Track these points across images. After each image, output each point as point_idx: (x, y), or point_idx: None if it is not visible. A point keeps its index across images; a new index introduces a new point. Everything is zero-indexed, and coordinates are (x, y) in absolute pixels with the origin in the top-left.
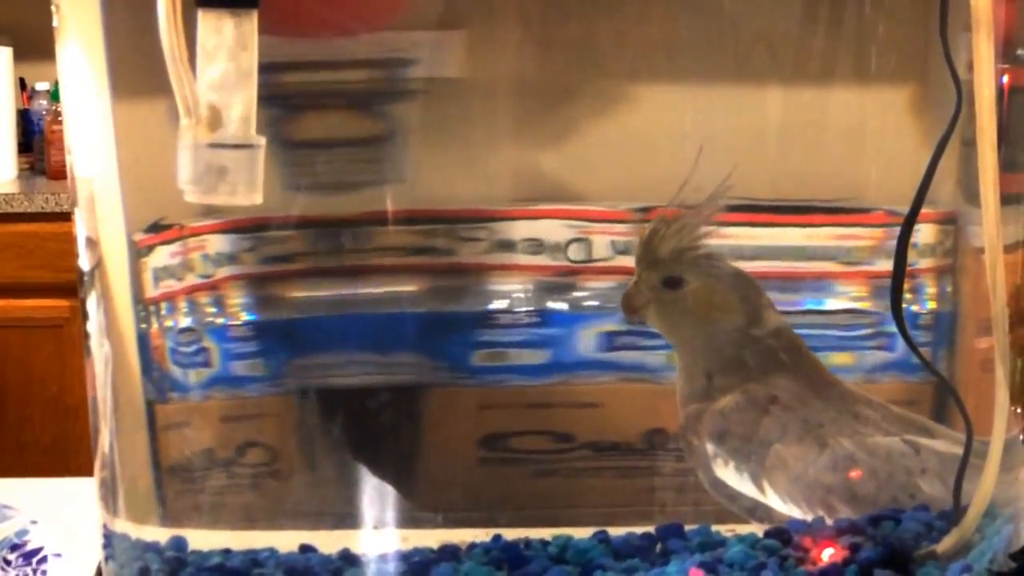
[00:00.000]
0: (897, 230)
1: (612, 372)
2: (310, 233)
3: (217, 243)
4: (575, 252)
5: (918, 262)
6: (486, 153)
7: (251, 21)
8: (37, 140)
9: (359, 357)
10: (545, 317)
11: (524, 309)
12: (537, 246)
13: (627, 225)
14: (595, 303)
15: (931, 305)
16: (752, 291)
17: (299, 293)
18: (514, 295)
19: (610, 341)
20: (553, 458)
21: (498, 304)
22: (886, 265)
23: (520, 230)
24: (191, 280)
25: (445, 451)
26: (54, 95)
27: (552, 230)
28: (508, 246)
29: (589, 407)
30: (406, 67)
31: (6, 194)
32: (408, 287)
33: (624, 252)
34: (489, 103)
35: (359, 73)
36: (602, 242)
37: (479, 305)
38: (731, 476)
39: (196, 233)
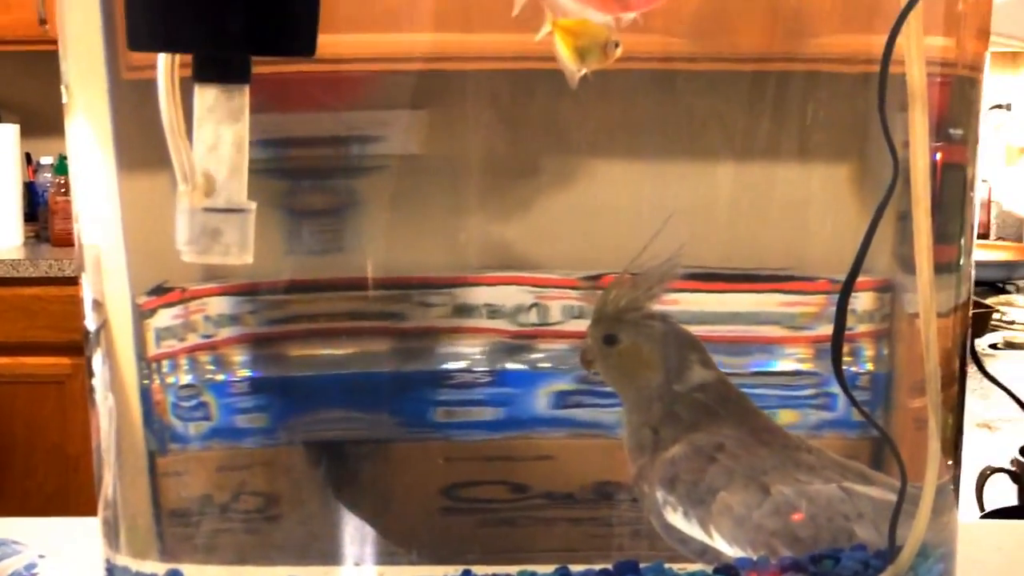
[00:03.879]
0: (820, 297)
1: (563, 428)
2: (293, 297)
3: (218, 305)
4: (531, 316)
5: (857, 327)
6: (449, 224)
7: (243, 95)
8: (42, 210)
9: (339, 412)
10: (501, 377)
11: (482, 369)
12: (496, 311)
13: (579, 292)
14: (549, 364)
15: (869, 367)
16: (680, 350)
17: (288, 353)
18: (475, 356)
19: (561, 399)
20: (510, 506)
21: (460, 364)
22: (828, 330)
23: (481, 295)
24: (192, 340)
25: (413, 498)
26: (57, 169)
27: (510, 296)
28: (470, 311)
29: (544, 459)
30: (376, 144)
31: (13, 260)
32: (379, 348)
33: (577, 317)
34: (452, 178)
35: (331, 149)
36: (556, 307)
37: (443, 365)
38: (680, 521)
39: (197, 296)
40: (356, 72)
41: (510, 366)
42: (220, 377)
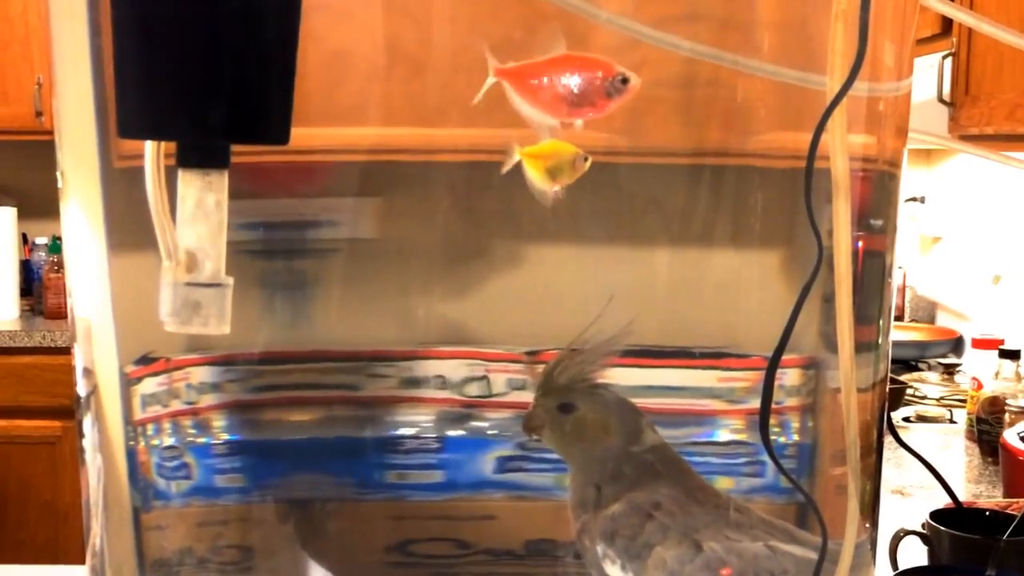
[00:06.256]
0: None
1: (504, 490)
2: (265, 368)
3: (198, 374)
4: (475, 388)
5: (785, 401)
6: (400, 302)
7: (222, 179)
8: (36, 286)
9: (307, 474)
10: (449, 443)
11: (431, 436)
12: (442, 382)
13: (520, 365)
14: (492, 432)
15: (796, 438)
16: (631, 415)
17: (260, 418)
18: (423, 424)
19: (503, 464)
20: (453, 562)
21: (409, 431)
22: (759, 403)
23: (429, 368)
24: (175, 405)
25: (372, 551)
26: (51, 248)
27: (455, 369)
28: (419, 382)
29: (485, 519)
30: (331, 228)
31: (9, 331)
32: (341, 415)
33: (518, 388)
34: (403, 260)
35: (292, 232)
36: (498, 379)
37: (393, 432)
38: (618, 573)
39: (180, 366)
40: (324, 162)
41: (457, 433)
42: (200, 440)
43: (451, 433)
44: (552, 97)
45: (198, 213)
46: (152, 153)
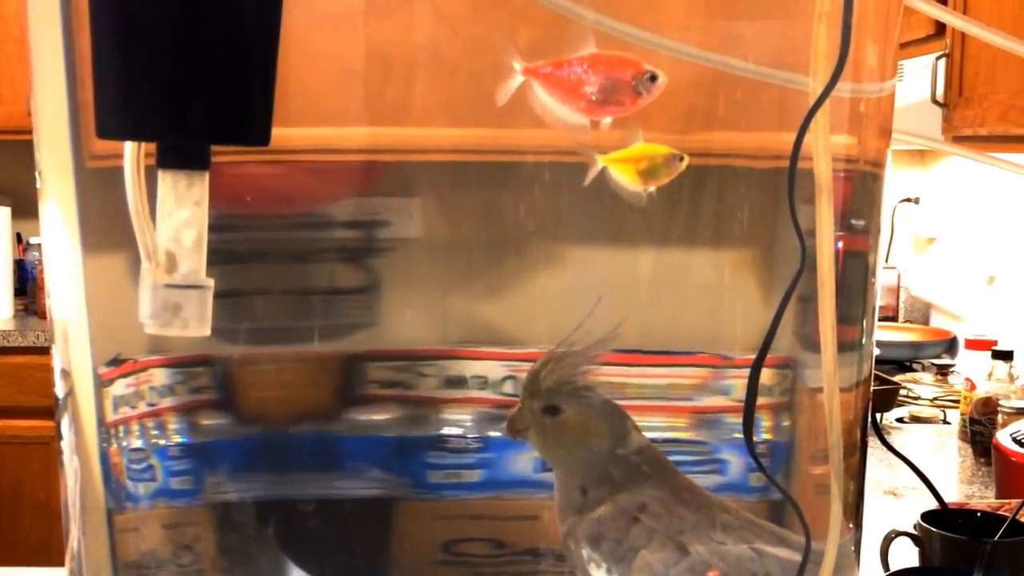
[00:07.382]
0: (725, 372)
1: (546, 490)
2: (254, 368)
3: (160, 376)
4: (513, 387)
5: (757, 400)
6: (441, 303)
7: (203, 181)
8: (30, 286)
9: (306, 475)
10: (489, 442)
11: (472, 435)
12: (483, 382)
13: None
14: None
15: (767, 436)
16: (618, 417)
17: (241, 418)
18: (464, 423)
19: (543, 463)
20: (494, 562)
21: (450, 431)
22: (717, 401)
23: (469, 368)
24: (142, 407)
25: (405, 556)
26: None
27: (494, 369)
28: (459, 382)
29: (526, 519)
30: (378, 228)
31: (3, 331)
32: (375, 416)
33: None
34: (444, 260)
35: (335, 232)
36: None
37: (433, 431)
38: None
39: (146, 367)
40: (362, 162)
41: (495, 433)
42: (170, 441)
43: (490, 433)
44: (581, 96)
45: (178, 214)
46: (132, 154)
